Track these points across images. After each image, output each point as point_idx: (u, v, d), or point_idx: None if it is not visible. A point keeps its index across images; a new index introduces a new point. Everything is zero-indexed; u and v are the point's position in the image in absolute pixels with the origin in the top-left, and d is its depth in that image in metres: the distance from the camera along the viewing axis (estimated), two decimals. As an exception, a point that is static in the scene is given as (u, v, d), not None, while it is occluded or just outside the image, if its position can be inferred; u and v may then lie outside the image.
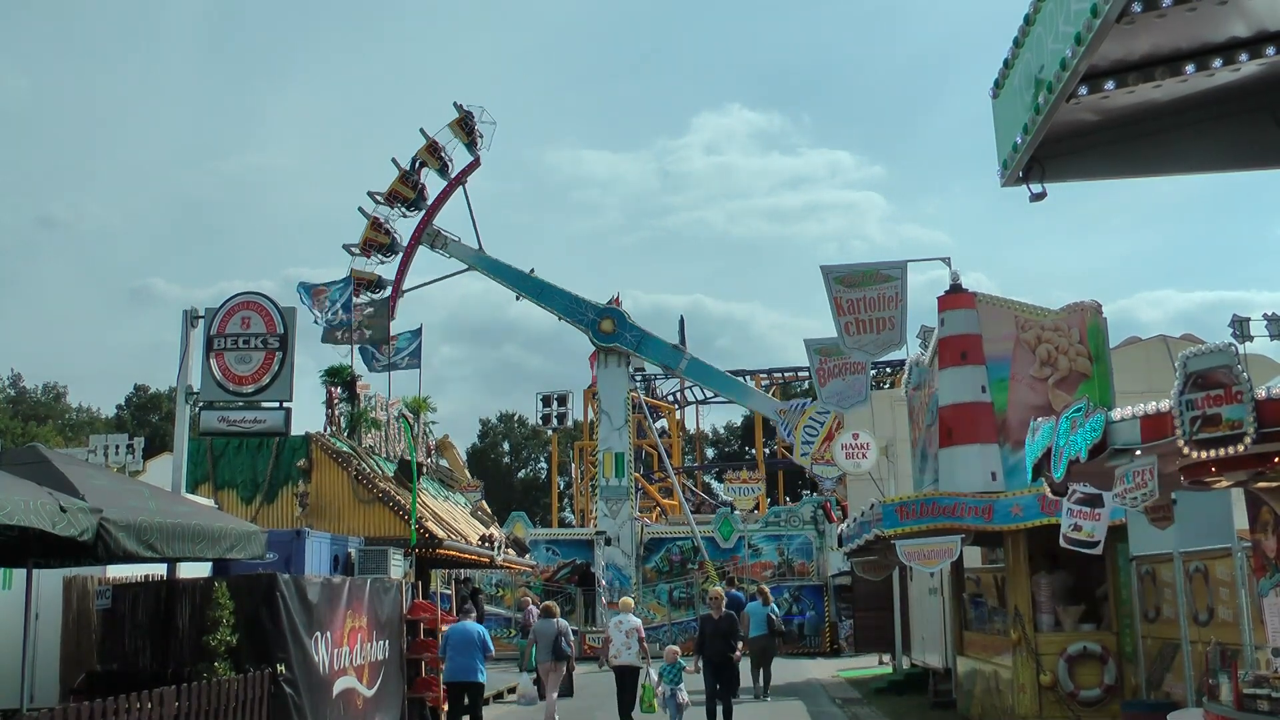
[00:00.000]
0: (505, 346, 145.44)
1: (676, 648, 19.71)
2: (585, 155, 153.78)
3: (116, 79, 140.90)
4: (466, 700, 19.66)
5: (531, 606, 29.93)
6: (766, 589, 31.28)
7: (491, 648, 20.22)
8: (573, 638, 21.34)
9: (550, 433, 67.64)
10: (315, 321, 29.90)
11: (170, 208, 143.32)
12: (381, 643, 17.77)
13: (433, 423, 33.67)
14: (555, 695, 20.34)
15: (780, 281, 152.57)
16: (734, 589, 33.51)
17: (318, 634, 15.07)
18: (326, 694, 15.20)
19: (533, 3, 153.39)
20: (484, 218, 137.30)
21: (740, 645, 20.03)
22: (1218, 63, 8.11)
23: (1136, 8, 7.08)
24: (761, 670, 26.82)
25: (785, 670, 31.43)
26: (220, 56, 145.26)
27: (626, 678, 20.15)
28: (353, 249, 44.87)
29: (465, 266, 46.18)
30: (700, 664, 19.66)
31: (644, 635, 20.04)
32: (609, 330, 45.06)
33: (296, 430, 20.11)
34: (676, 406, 66.51)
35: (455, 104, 45.08)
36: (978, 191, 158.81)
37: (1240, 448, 8.10)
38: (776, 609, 29.30)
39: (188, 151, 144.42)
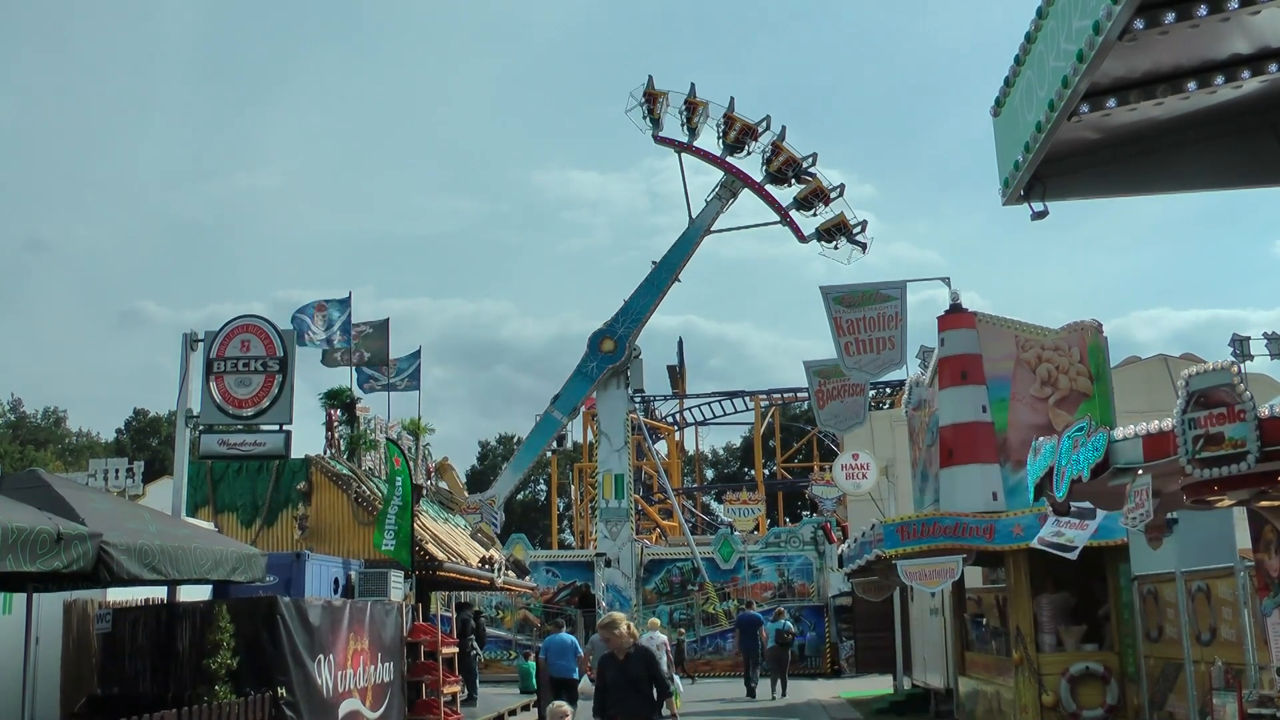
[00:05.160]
0: (496, 367, 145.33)
1: (566, 707, 13.25)
2: (573, 176, 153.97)
3: (105, 100, 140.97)
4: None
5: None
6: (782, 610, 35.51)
7: (581, 652, 22.90)
8: None
9: (549, 455, 67.62)
10: (311, 341, 29.79)
11: (160, 230, 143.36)
12: (386, 665, 17.78)
13: (429, 446, 33.59)
14: None
15: (772, 302, 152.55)
16: (751, 610, 36.83)
17: (320, 656, 15.08)
18: (331, 717, 15.19)
19: (521, 24, 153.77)
20: (472, 236, 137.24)
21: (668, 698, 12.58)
22: (1220, 80, 8.11)
23: (1139, 25, 7.07)
24: (778, 679, 31.75)
25: (787, 691, 31.67)
26: (210, 78, 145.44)
27: None
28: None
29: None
30: None
31: (670, 648, 24.37)
32: (611, 349, 45.01)
33: (296, 453, 20.06)
34: (676, 428, 66.49)
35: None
36: (969, 211, 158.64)
37: (1243, 467, 8.08)
38: (789, 624, 33.93)
39: (177, 173, 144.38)
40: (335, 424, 27.60)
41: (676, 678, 25.49)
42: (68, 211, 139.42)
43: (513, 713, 27.15)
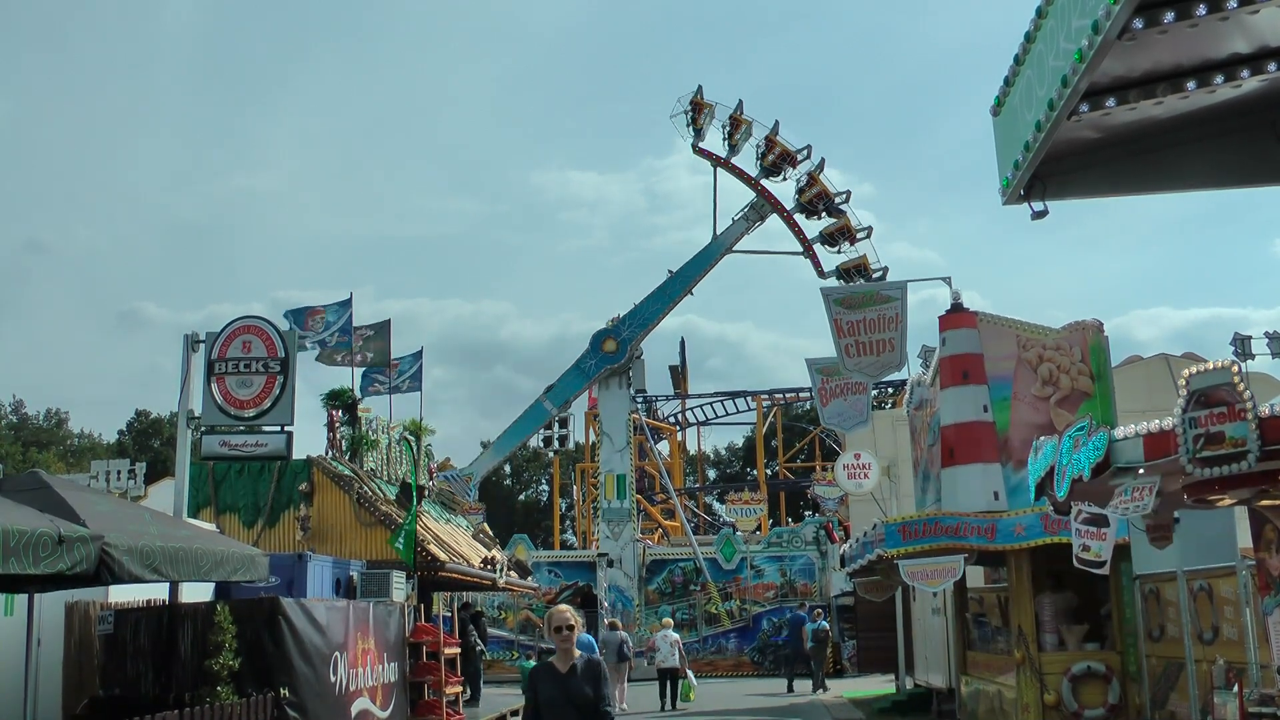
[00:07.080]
0: (496, 368, 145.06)
1: None
2: (571, 176, 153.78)
3: (104, 101, 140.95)
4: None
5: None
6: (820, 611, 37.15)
7: (597, 650, 24.20)
8: (632, 644, 27.58)
9: (552, 455, 67.62)
10: (307, 345, 29.84)
11: (160, 230, 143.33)
12: (391, 665, 17.80)
13: (430, 447, 33.60)
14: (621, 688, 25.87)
15: (772, 301, 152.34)
16: (801, 610, 37.95)
17: (336, 654, 15.13)
18: (344, 715, 15.21)
19: (520, 25, 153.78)
20: (472, 237, 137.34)
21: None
22: (1219, 79, 8.11)
23: (1138, 24, 7.08)
24: (819, 675, 33.81)
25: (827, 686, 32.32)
26: (210, 79, 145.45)
27: (668, 677, 27.66)
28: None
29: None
30: None
31: (682, 645, 28.15)
32: (613, 350, 45.03)
33: (298, 454, 20.05)
34: (678, 428, 66.44)
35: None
36: (969, 211, 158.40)
37: (1243, 466, 8.08)
38: (825, 624, 35.27)
39: (177, 174, 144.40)
40: (337, 425, 27.59)
41: (690, 673, 28.65)
42: (67, 213, 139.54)
43: (514, 713, 27.13)
